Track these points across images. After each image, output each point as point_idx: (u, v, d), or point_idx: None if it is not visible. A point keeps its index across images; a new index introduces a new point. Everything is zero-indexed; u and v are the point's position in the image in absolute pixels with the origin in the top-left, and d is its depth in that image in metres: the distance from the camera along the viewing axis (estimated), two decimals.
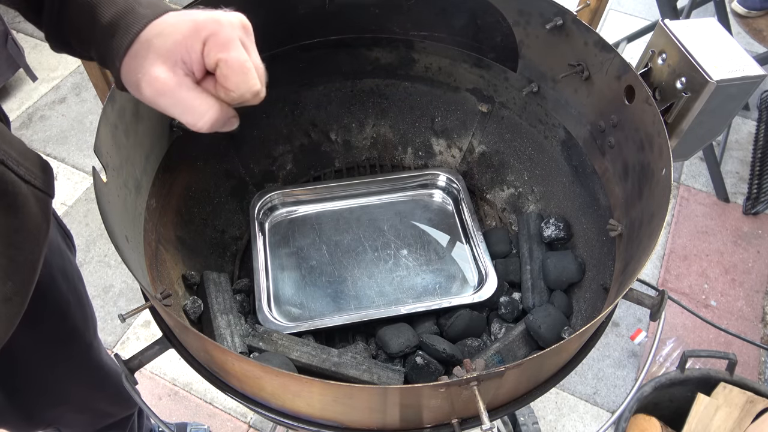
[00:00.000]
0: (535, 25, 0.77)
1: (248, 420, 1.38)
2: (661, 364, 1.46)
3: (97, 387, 0.88)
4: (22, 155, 0.52)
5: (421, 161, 1.00)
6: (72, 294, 0.74)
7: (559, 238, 0.83)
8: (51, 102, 2.06)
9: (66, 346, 0.78)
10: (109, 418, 0.96)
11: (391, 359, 0.75)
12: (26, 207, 0.51)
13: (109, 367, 0.89)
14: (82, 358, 0.82)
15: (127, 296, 1.58)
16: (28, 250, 0.53)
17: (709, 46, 0.65)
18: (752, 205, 1.79)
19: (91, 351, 0.83)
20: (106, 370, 0.88)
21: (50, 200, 0.56)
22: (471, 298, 0.79)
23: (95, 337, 0.85)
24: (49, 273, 0.68)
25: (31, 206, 0.52)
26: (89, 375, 0.85)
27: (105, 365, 0.88)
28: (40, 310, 0.67)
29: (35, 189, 0.52)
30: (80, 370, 0.83)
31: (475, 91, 0.93)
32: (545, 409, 1.42)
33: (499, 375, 0.46)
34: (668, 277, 1.66)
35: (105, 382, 0.88)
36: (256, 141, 0.93)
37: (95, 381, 0.87)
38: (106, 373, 0.88)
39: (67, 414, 0.88)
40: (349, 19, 0.88)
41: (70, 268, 0.75)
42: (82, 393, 0.86)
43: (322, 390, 0.48)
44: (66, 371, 0.80)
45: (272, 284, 0.82)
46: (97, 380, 0.87)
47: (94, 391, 0.88)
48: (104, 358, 0.88)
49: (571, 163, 0.84)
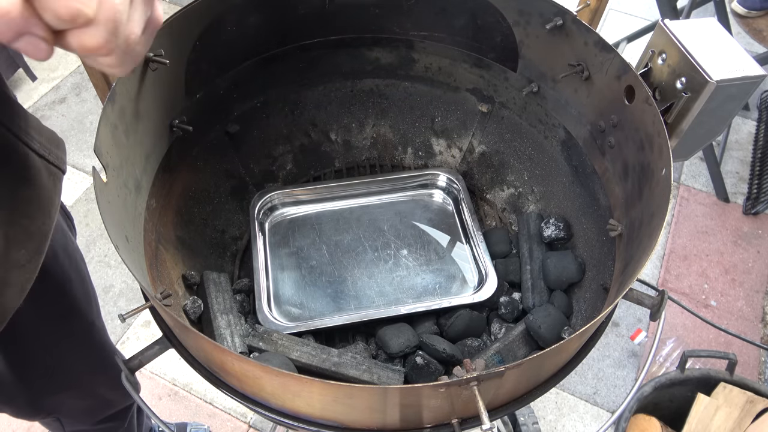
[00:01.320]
0: (535, 25, 0.78)
1: (248, 420, 1.38)
2: (661, 364, 1.46)
3: (99, 368, 0.88)
4: (37, 131, 0.55)
5: (421, 161, 1.00)
6: (74, 271, 0.75)
7: (559, 238, 0.83)
8: (51, 102, 2.06)
9: (67, 322, 0.78)
10: (109, 407, 0.96)
11: (391, 359, 0.75)
12: (39, 180, 0.54)
13: (112, 349, 0.90)
14: (84, 337, 0.82)
15: (127, 296, 1.58)
16: (40, 220, 0.55)
17: (709, 46, 0.65)
18: (752, 205, 1.79)
19: (93, 330, 0.84)
20: (108, 350, 0.88)
21: (62, 175, 0.59)
22: (471, 298, 0.79)
23: (98, 318, 0.85)
24: (51, 248, 0.68)
25: (44, 179, 0.55)
26: (91, 354, 0.85)
27: (107, 346, 0.88)
28: (42, 284, 0.68)
29: (48, 163, 0.56)
30: (82, 348, 0.83)
31: (475, 91, 0.93)
32: (545, 409, 1.42)
33: (499, 375, 0.46)
34: (668, 277, 1.67)
35: (107, 363, 0.88)
36: (256, 141, 0.93)
37: (97, 361, 0.87)
38: (108, 354, 0.88)
39: (68, 401, 0.89)
40: (349, 19, 0.88)
41: (71, 246, 0.76)
42: (84, 375, 0.87)
43: (322, 390, 0.48)
44: (69, 348, 0.80)
45: (272, 284, 0.82)
46: (99, 361, 0.87)
47: (96, 372, 0.88)
48: (107, 339, 0.89)
49: (571, 163, 0.84)
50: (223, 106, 0.87)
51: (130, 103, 0.64)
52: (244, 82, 0.87)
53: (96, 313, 0.84)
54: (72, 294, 0.76)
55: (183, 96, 0.77)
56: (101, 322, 0.87)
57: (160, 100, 0.72)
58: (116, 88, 0.60)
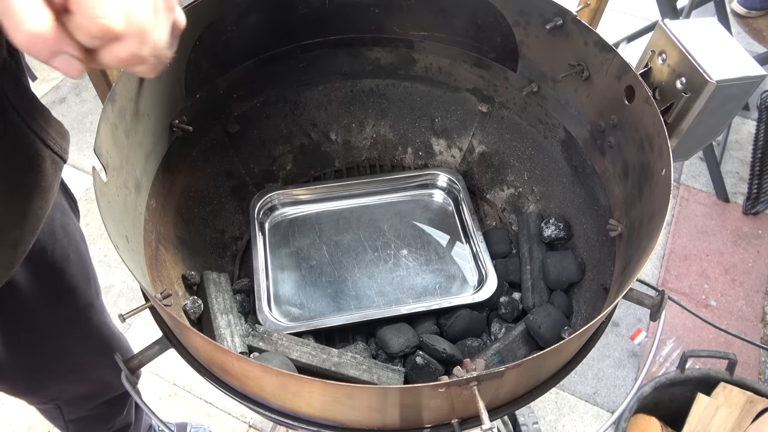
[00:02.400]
0: (535, 25, 0.77)
1: (248, 420, 1.38)
2: (661, 364, 1.46)
3: (98, 351, 0.88)
4: (48, 122, 0.58)
5: (421, 161, 1.00)
6: (72, 251, 0.76)
7: (559, 238, 0.83)
8: (51, 102, 2.05)
9: (66, 302, 0.79)
10: (108, 390, 0.96)
11: (391, 359, 0.75)
12: (43, 167, 0.57)
13: (112, 330, 0.90)
14: (83, 316, 0.83)
15: (127, 296, 1.58)
16: (37, 204, 0.58)
17: (709, 46, 0.65)
18: (752, 205, 1.79)
19: (93, 310, 0.84)
20: (108, 331, 0.89)
21: (63, 164, 0.62)
22: (471, 298, 0.79)
23: (97, 299, 0.86)
24: (49, 226, 0.70)
25: (47, 166, 0.58)
26: (90, 336, 0.86)
27: (108, 327, 0.89)
28: (41, 262, 0.70)
29: (53, 153, 0.59)
30: (82, 330, 0.84)
31: (475, 91, 0.93)
32: (545, 409, 1.42)
33: (499, 375, 0.46)
34: (668, 277, 1.67)
35: (106, 345, 0.88)
36: (256, 141, 0.93)
37: (96, 343, 0.87)
38: (109, 335, 0.88)
39: (67, 385, 0.89)
40: (349, 19, 0.88)
41: (72, 226, 0.77)
42: (83, 357, 0.87)
43: (322, 390, 0.48)
44: (68, 330, 0.81)
45: (272, 284, 0.82)
46: (98, 343, 0.87)
47: (95, 354, 0.88)
48: (107, 320, 0.89)
49: (571, 163, 0.84)
50: (223, 106, 0.87)
51: (130, 103, 0.64)
52: (244, 82, 0.87)
53: (95, 294, 0.84)
54: (71, 272, 0.76)
55: (183, 96, 0.77)
56: (101, 304, 0.87)
57: (160, 100, 0.72)
58: (116, 88, 0.60)
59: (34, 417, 1.37)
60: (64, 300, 0.78)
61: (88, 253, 0.82)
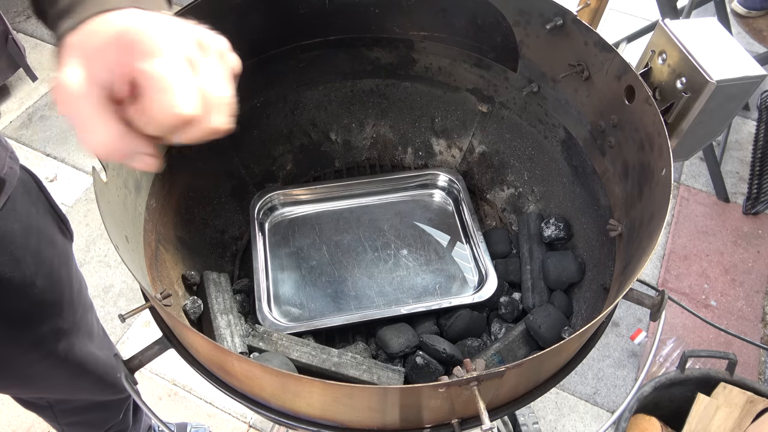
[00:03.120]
0: (535, 25, 0.77)
1: (248, 420, 1.38)
2: (661, 364, 1.46)
3: (79, 376, 0.85)
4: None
5: (421, 161, 1.00)
6: (41, 278, 0.71)
7: (559, 238, 0.83)
8: (51, 102, 2.05)
9: (33, 329, 0.74)
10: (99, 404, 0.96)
11: (391, 359, 0.75)
12: None
13: (90, 353, 0.85)
14: (55, 344, 0.78)
15: (127, 296, 1.58)
16: None
17: (709, 46, 0.65)
18: (752, 205, 1.79)
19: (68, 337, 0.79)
20: (90, 359, 0.85)
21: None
22: (471, 298, 0.79)
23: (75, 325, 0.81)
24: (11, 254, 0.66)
25: None
26: (65, 363, 0.81)
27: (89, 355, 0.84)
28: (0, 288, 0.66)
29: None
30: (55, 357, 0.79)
31: (475, 91, 0.93)
32: (545, 409, 1.42)
33: (499, 375, 0.45)
34: (668, 277, 1.66)
35: (88, 369, 0.85)
36: (256, 141, 0.93)
37: (75, 369, 0.84)
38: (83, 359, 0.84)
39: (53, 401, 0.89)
40: (349, 19, 0.88)
41: (49, 252, 0.73)
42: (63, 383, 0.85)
43: (322, 390, 0.48)
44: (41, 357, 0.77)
45: (272, 284, 0.82)
46: (76, 369, 0.84)
47: (73, 377, 0.85)
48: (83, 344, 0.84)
49: (571, 163, 0.84)
50: None
51: None
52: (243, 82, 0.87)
53: (71, 319, 0.79)
54: (35, 299, 0.72)
55: None
56: (87, 328, 0.84)
57: None
58: None
59: (34, 417, 1.36)
60: (30, 328, 0.74)
61: (71, 279, 0.78)
